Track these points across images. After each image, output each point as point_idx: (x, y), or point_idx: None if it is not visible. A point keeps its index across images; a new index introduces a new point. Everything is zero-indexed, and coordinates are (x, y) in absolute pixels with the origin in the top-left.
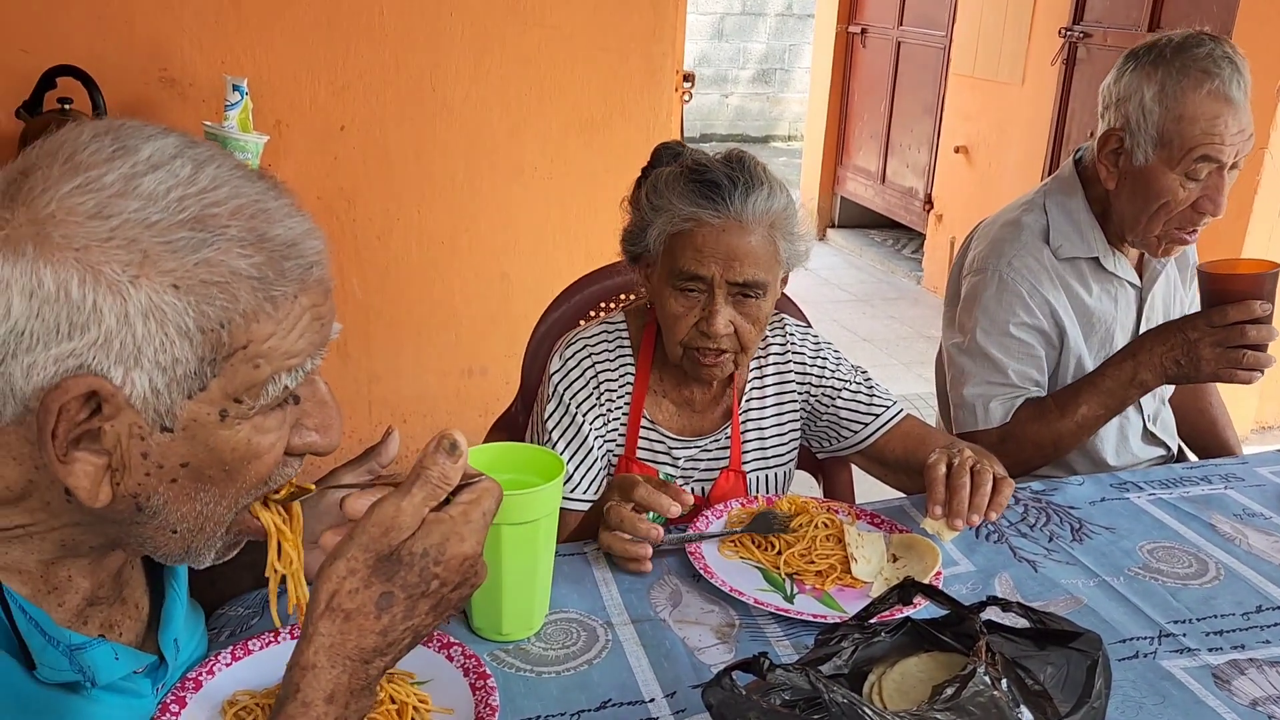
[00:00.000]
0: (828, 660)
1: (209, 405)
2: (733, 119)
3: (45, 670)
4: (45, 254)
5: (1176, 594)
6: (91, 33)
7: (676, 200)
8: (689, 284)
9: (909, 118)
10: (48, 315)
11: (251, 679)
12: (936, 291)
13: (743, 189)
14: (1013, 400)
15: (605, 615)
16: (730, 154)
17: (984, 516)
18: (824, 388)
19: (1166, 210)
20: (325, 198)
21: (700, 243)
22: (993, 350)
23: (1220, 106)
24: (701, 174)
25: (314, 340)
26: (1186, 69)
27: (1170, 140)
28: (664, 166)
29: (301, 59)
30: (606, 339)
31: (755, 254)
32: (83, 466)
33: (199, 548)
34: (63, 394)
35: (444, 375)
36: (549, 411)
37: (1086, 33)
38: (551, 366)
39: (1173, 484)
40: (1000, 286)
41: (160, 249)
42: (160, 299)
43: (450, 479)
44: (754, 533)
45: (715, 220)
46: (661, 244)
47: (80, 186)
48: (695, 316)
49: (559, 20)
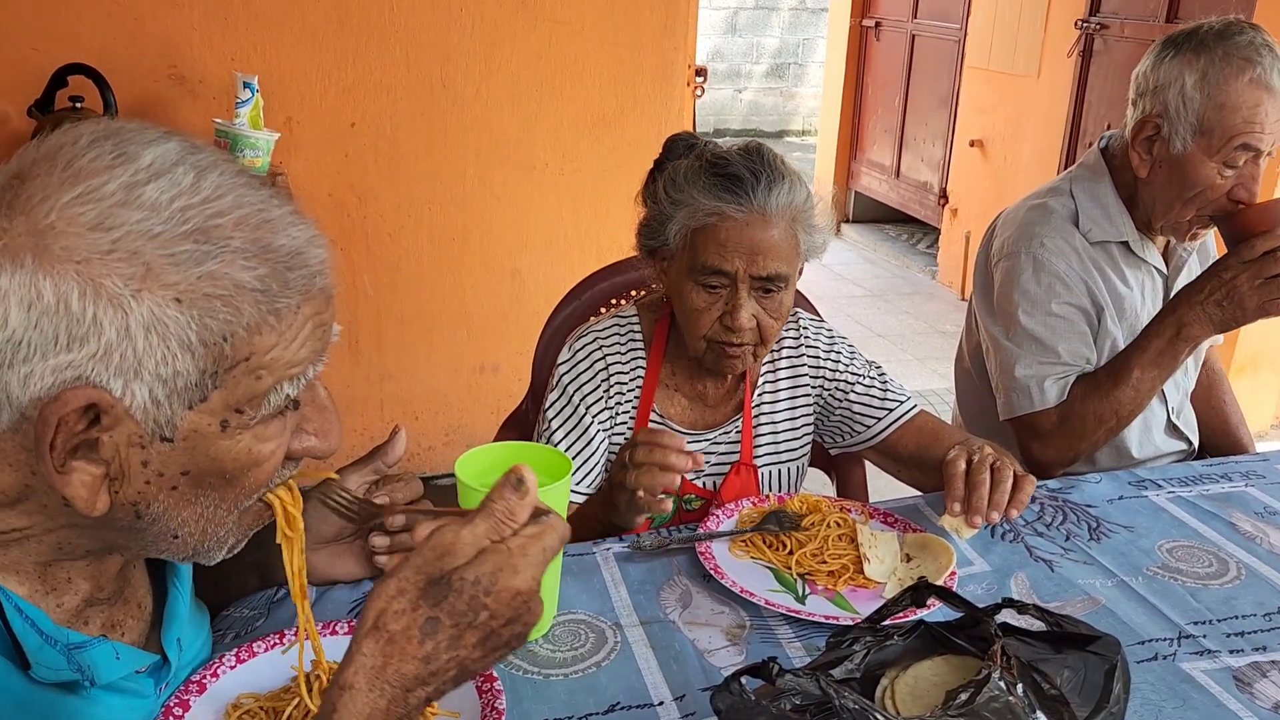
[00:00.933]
0: (839, 664)
1: (210, 416)
2: (746, 114)
3: (41, 670)
4: (45, 266)
5: (1196, 594)
6: (102, 31)
7: (699, 194)
8: (712, 279)
9: (924, 111)
10: (46, 327)
11: (256, 682)
12: (951, 286)
13: (766, 182)
14: (1066, 379)
15: (614, 616)
16: (749, 146)
17: (1004, 514)
18: (837, 382)
19: (1202, 198)
20: (336, 194)
21: (724, 237)
22: (1039, 331)
23: (1261, 95)
24: (723, 167)
25: (316, 348)
26: (1229, 56)
27: (1211, 128)
28: (678, 159)
29: (312, 56)
30: (618, 332)
31: (778, 247)
32: (80, 476)
33: (206, 549)
34: (61, 406)
35: (456, 372)
36: (551, 401)
37: (1103, 24)
38: (560, 358)
39: (1192, 481)
40: (1036, 267)
41: (163, 262)
42: (162, 313)
43: (515, 514)
44: (765, 532)
45: (739, 214)
46: (682, 238)
47: (81, 196)
48: (719, 311)
49: (570, 15)
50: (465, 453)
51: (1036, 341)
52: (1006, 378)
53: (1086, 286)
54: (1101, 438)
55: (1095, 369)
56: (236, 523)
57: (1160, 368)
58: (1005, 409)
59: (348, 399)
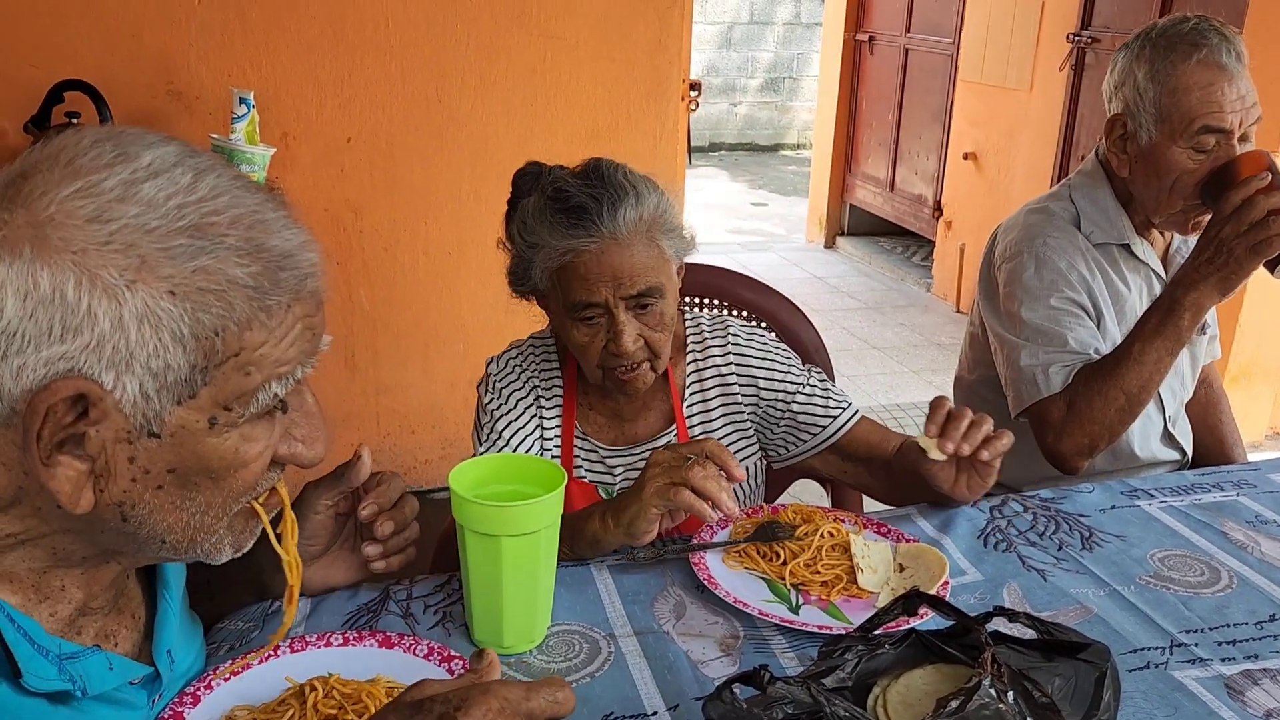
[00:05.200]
0: (831, 673)
1: (198, 412)
2: (741, 128)
3: (31, 679)
4: (43, 256)
5: (1188, 603)
6: (99, 47)
7: (548, 235)
8: (586, 312)
9: (917, 125)
10: (41, 317)
11: (250, 694)
12: (946, 299)
13: (609, 205)
14: (1071, 366)
15: (608, 627)
16: (587, 168)
17: (975, 452)
18: (775, 392)
19: (1181, 184)
20: (332, 209)
21: (585, 271)
22: (1042, 322)
23: (1213, 74)
24: (565, 201)
25: (305, 349)
26: (1174, 44)
27: (1169, 114)
28: (526, 195)
29: (308, 71)
30: (534, 353)
31: (641, 263)
32: (65, 471)
33: (204, 552)
34: (50, 395)
35: (452, 386)
36: (488, 399)
37: (1095, 38)
38: (489, 370)
39: (1184, 491)
40: (1039, 264)
41: (158, 255)
42: (156, 304)
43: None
44: (758, 542)
45: (592, 245)
46: (548, 279)
47: (80, 190)
48: (603, 339)
49: (565, 30)
50: (458, 464)
51: (1040, 332)
52: (1013, 370)
53: (1088, 286)
54: (1115, 420)
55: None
56: (227, 528)
57: (1163, 337)
58: (1015, 403)
59: (344, 413)
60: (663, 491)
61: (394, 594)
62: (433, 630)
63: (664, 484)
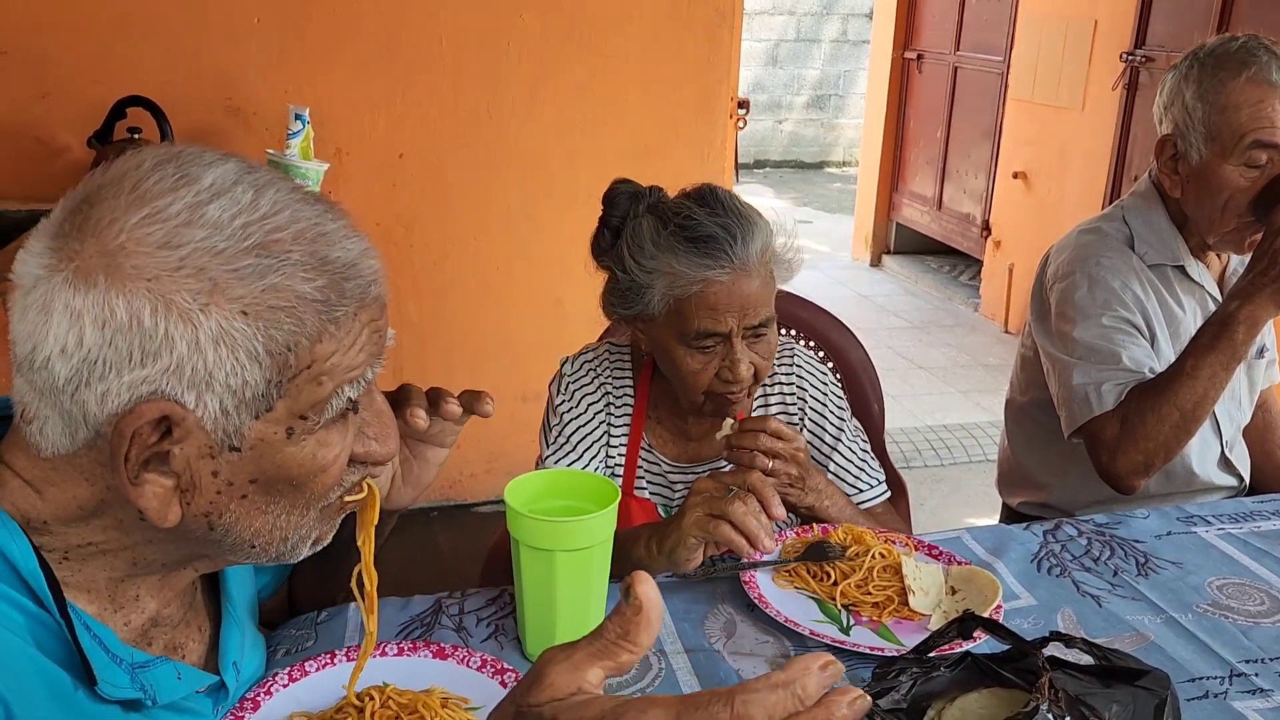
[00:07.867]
0: (885, 694)
1: (275, 425)
2: (787, 145)
3: (106, 686)
4: (117, 284)
5: (1248, 632)
6: (160, 65)
7: (677, 263)
8: (706, 341)
9: (966, 143)
10: (120, 344)
11: (308, 700)
12: (994, 319)
13: (741, 236)
14: (1124, 385)
15: (659, 644)
16: (704, 196)
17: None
18: (825, 426)
19: (1234, 203)
20: (384, 224)
21: (714, 301)
22: (1095, 341)
23: (1263, 90)
24: (693, 230)
25: (372, 351)
26: (1222, 63)
27: (1219, 132)
28: (624, 212)
29: (362, 89)
30: (610, 358)
31: (763, 294)
32: (153, 488)
33: (287, 551)
34: (136, 419)
35: (499, 401)
36: (559, 401)
37: (1149, 57)
38: (563, 370)
39: (1242, 518)
40: (1092, 284)
41: (228, 276)
42: (230, 325)
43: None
44: (809, 561)
45: (725, 276)
46: (665, 305)
47: (148, 217)
48: (715, 367)
49: (615, 49)
50: (514, 479)
51: (1093, 350)
52: (1065, 390)
53: (1142, 306)
54: (1170, 437)
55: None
56: (316, 520)
57: (1217, 352)
58: (1068, 423)
59: None
60: (702, 523)
61: (446, 607)
62: (485, 643)
63: (703, 515)
